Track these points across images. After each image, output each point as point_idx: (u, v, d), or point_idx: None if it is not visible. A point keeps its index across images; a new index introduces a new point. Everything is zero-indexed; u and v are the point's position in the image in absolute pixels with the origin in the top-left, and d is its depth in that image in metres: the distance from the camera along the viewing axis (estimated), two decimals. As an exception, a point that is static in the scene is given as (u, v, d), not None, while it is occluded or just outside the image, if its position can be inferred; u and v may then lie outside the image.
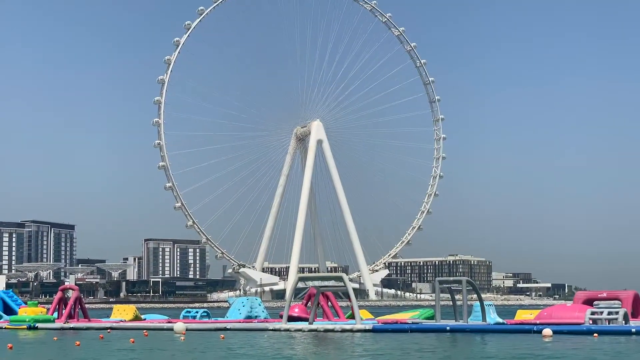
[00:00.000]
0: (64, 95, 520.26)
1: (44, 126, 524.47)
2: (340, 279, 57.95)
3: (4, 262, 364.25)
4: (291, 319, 57.73)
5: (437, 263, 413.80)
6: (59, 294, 67.38)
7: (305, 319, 57.91)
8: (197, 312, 68.86)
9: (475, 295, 56.88)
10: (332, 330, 51.18)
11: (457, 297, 57.19)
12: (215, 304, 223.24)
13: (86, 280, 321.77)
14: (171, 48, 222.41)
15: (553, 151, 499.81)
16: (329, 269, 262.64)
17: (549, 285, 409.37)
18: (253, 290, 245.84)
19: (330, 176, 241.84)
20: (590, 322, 49.08)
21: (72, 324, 60.06)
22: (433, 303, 57.73)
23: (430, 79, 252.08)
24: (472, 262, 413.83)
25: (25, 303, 71.09)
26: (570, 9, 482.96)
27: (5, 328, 58.63)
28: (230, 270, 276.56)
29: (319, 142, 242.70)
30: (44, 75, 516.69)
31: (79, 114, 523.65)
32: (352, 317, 58.31)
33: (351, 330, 50.78)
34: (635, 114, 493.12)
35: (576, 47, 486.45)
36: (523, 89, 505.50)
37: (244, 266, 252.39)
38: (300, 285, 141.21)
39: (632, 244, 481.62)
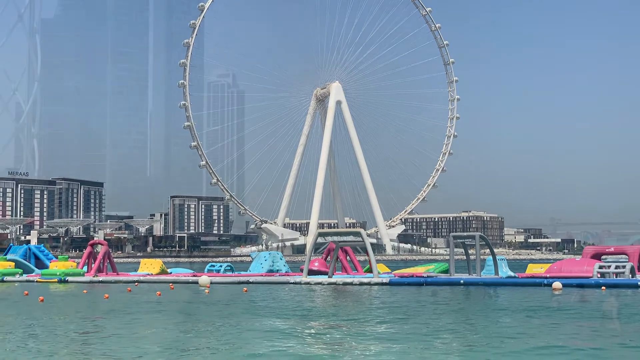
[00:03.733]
0: (93, 57, 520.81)
1: (74, 87, 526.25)
2: (358, 234, 59.35)
3: (36, 218, 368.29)
4: (311, 272, 59.34)
5: (451, 219, 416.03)
6: (89, 248, 69.38)
7: (325, 273, 59.57)
8: (221, 266, 70.62)
9: (487, 250, 57.89)
10: (351, 284, 52.61)
11: (470, 251, 58.59)
12: (239, 259, 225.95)
13: (114, 235, 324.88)
14: (196, 12, 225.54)
15: (563, 112, 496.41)
16: (348, 224, 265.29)
17: (559, 240, 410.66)
18: (275, 245, 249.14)
19: (349, 136, 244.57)
20: (598, 275, 50.16)
21: (101, 277, 61.77)
22: (447, 257, 58.92)
23: (444, 42, 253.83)
24: (485, 218, 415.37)
25: (56, 257, 73.14)
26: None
27: (37, 281, 60.47)
28: (253, 226, 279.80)
29: (338, 102, 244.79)
30: (73, 35, 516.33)
31: (107, 75, 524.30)
32: (369, 270, 59.85)
33: (369, 284, 52.20)
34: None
35: (586, 12, 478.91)
36: (532, 54, 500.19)
37: (266, 222, 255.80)
38: (320, 240, 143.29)
39: (638, 200, 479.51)
